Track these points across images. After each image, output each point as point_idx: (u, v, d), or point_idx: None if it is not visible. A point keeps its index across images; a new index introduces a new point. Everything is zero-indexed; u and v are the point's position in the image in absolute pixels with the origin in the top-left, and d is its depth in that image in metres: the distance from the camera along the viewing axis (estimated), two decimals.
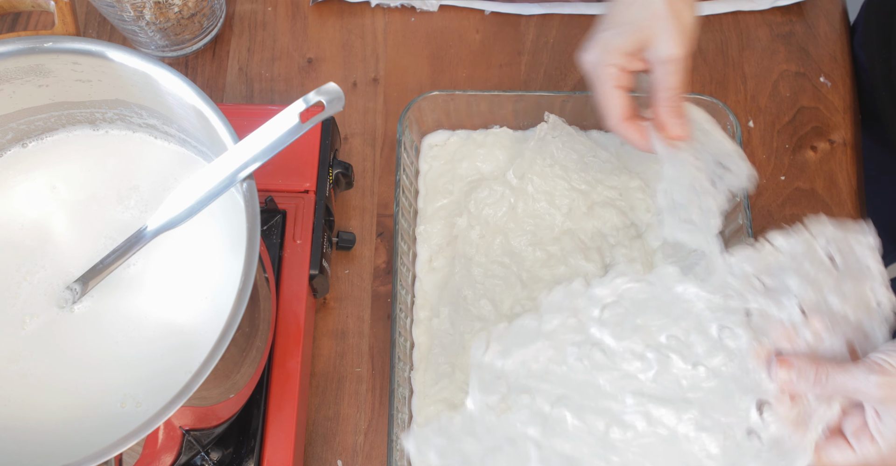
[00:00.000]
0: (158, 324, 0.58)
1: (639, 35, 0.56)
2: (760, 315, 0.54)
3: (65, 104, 0.60)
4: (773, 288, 0.54)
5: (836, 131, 0.83)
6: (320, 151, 0.74)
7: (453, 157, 0.79)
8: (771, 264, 0.55)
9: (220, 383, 0.54)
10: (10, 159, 0.62)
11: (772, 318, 0.54)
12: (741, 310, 0.55)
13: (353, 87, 0.86)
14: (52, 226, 0.61)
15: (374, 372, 0.75)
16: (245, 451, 0.66)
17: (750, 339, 0.54)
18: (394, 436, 0.66)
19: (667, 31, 0.56)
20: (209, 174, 0.52)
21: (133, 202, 0.62)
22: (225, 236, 0.60)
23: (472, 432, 0.58)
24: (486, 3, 0.89)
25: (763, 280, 0.55)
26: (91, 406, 0.56)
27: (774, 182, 0.81)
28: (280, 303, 0.69)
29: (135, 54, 0.55)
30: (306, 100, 0.52)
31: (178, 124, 0.60)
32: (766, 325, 0.54)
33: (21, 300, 0.59)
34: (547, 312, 0.58)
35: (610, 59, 0.57)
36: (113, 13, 0.79)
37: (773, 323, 0.53)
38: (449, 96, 0.76)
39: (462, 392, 0.70)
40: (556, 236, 0.74)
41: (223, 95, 0.86)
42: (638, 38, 0.57)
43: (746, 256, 0.55)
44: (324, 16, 0.89)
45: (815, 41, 0.87)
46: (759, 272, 0.55)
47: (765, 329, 0.54)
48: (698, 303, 0.55)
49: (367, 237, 0.80)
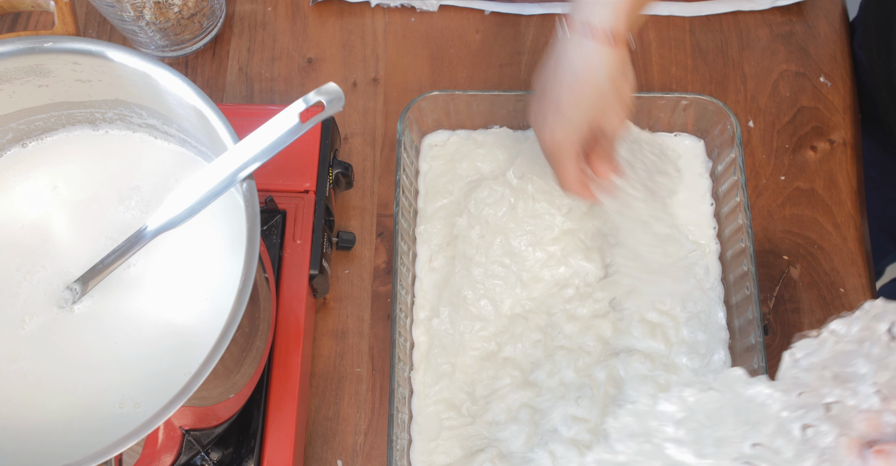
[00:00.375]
0: (158, 324, 0.58)
1: (591, 124, 0.63)
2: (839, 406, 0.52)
3: (65, 104, 0.60)
4: (843, 377, 0.53)
5: (836, 131, 0.83)
6: (320, 151, 0.74)
7: (453, 157, 0.79)
8: (836, 353, 0.53)
9: (220, 383, 0.54)
10: (10, 159, 0.62)
11: (851, 408, 0.51)
12: (819, 405, 0.52)
13: (353, 87, 0.86)
14: (52, 226, 0.61)
15: (374, 372, 0.75)
16: (245, 451, 0.66)
17: (837, 434, 0.51)
18: (394, 436, 0.66)
19: (613, 115, 0.63)
20: (209, 174, 0.52)
21: (134, 202, 0.62)
22: (225, 236, 0.60)
23: None
24: (486, 3, 0.88)
25: (834, 371, 0.53)
26: (90, 406, 0.56)
27: (774, 182, 0.81)
28: (280, 303, 0.69)
29: (135, 54, 0.55)
30: (306, 100, 0.52)
31: (178, 124, 0.60)
32: (847, 416, 0.52)
33: (21, 299, 0.59)
34: (618, 441, 0.54)
35: (569, 147, 0.64)
36: (113, 13, 0.79)
37: (853, 412, 0.51)
38: (449, 96, 0.76)
39: (462, 392, 0.70)
40: (556, 236, 0.74)
41: (223, 95, 0.86)
42: (591, 126, 0.63)
43: (810, 348, 0.54)
44: (324, 16, 0.89)
45: (815, 41, 0.87)
46: (826, 364, 0.53)
47: (847, 420, 0.51)
48: (774, 405, 0.53)
49: (367, 237, 0.80)
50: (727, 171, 0.74)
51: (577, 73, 0.61)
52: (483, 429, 0.69)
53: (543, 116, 0.64)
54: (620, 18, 0.60)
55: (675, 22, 0.88)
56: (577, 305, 0.72)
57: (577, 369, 0.70)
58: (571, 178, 0.67)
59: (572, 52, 0.61)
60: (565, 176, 0.67)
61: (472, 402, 0.70)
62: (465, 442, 0.69)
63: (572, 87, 0.62)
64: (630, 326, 0.71)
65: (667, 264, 0.71)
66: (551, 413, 0.69)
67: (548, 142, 0.65)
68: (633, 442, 0.54)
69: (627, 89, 0.64)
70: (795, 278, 0.78)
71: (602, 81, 0.61)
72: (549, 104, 0.63)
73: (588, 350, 0.71)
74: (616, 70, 0.62)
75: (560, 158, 0.65)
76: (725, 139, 0.75)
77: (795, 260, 0.78)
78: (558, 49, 0.63)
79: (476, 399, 0.70)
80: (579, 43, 0.61)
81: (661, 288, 0.72)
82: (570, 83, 0.62)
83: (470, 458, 0.68)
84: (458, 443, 0.69)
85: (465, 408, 0.70)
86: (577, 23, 0.61)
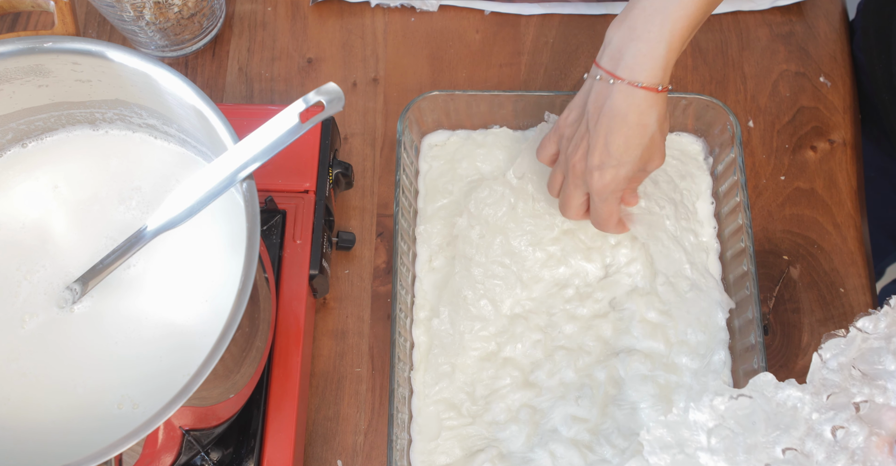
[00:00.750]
0: (158, 325, 0.58)
1: (640, 165, 0.64)
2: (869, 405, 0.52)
3: (65, 104, 0.60)
4: (872, 375, 0.53)
5: (835, 131, 0.83)
6: (320, 151, 0.74)
7: (453, 157, 0.79)
8: (864, 350, 0.54)
9: (220, 383, 0.54)
10: (10, 159, 0.62)
11: (881, 406, 0.52)
12: (849, 405, 0.53)
13: (353, 87, 0.86)
14: (52, 226, 0.61)
15: (374, 372, 0.75)
16: (245, 451, 0.66)
17: (867, 434, 0.52)
18: (394, 436, 0.66)
19: (658, 155, 0.64)
20: (209, 174, 0.52)
21: (135, 202, 0.62)
22: (225, 236, 0.60)
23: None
24: (486, 3, 0.88)
25: (861, 369, 0.54)
26: (89, 406, 0.56)
27: (774, 182, 0.81)
28: (280, 303, 0.69)
29: (135, 54, 0.55)
30: (306, 100, 0.52)
31: (178, 124, 0.60)
32: (877, 414, 0.52)
33: (21, 299, 0.59)
34: (652, 453, 0.55)
35: (620, 187, 0.65)
36: (113, 13, 0.79)
37: (883, 410, 0.52)
38: (449, 96, 0.76)
39: (462, 392, 0.70)
40: (556, 236, 0.74)
41: (223, 95, 0.86)
42: (639, 166, 0.64)
43: (838, 348, 0.54)
44: (324, 16, 0.89)
45: (815, 41, 0.87)
46: (853, 361, 0.54)
47: (877, 419, 0.52)
48: (804, 408, 0.53)
49: (367, 237, 0.80)
50: (727, 171, 0.74)
51: (627, 119, 0.61)
52: (483, 429, 0.69)
53: (588, 158, 0.64)
54: (668, 72, 0.61)
55: None
56: (577, 305, 0.72)
57: (577, 369, 0.70)
58: (613, 218, 0.67)
59: (622, 99, 0.61)
60: (608, 215, 0.67)
61: (472, 402, 0.70)
62: (465, 442, 0.69)
63: (623, 132, 0.61)
64: (630, 326, 0.71)
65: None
66: (551, 414, 0.69)
67: (597, 186, 0.64)
68: (667, 454, 0.54)
69: (667, 127, 0.65)
70: (795, 278, 0.78)
71: (652, 126, 0.62)
72: (597, 147, 0.63)
73: (588, 350, 0.71)
74: (664, 113, 0.62)
75: (608, 199, 0.65)
76: (725, 139, 0.75)
77: (795, 260, 0.78)
78: (601, 93, 0.62)
79: (476, 400, 0.70)
80: (629, 91, 0.61)
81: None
82: (620, 128, 0.61)
83: (470, 458, 0.68)
84: (458, 443, 0.69)
85: (465, 408, 0.70)
86: (623, 71, 0.61)
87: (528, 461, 0.67)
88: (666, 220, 0.72)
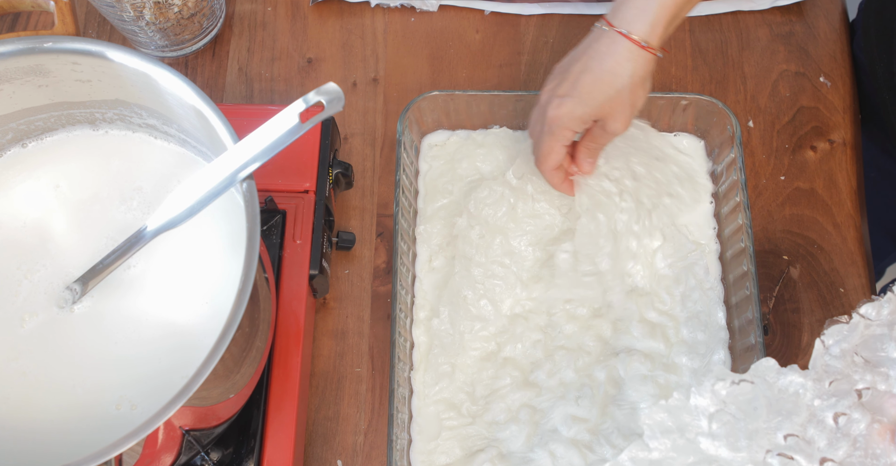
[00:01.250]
0: (158, 325, 0.58)
1: (599, 112, 0.65)
2: (871, 393, 0.52)
3: (65, 104, 0.60)
4: (874, 362, 0.53)
5: (835, 131, 0.83)
6: (320, 151, 0.74)
7: (453, 157, 0.79)
8: (867, 337, 0.53)
9: (220, 383, 0.54)
10: (9, 159, 0.62)
11: (883, 393, 0.52)
12: (851, 392, 0.53)
13: (353, 87, 0.86)
14: (53, 226, 0.61)
15: (374, 372, 0.75)
16: (245, 451, 0.66)
17: (869, 421, 0.51)
18: (394, 436, 0.66)
19: (621, 115, 0.65)
20: (209, 174, 0.52)
21: (136, 203, 0.62)
22: (225, 236, 0.60)
23: None
24: (486, 3, 0.88)
25: (863, 355, 0.53)
26: (87, 406, 0.55)
27: (774, 182, 0.81)
28: (280, 303, 0.69)
29: (135, 54, 0.55)
30: (306, 100, 0.52)
31: (178, 124, 0.60)
32: (879, 401, 0.52)
33: (21, 298, 0.59)
34: (652, 438, 0.54)
35: (571, 124, 0.66)
36: (113, 13, 0.79)
37: (885, 397, 0.52)
38: (449, 96, 0.76)
39: (462, 392, 0.70)
40: (556, 236, 0.74)
41: (223, 95, 0.86)
42: (598, 114, 0.65)
43: (840, 334, 0.54)
44: (324, 16, 0.89)
45: (815, 41, 0.87)
46: (856, 347, 0.53)
47: (879, 406, 0.52)
48: (807, 394, 0.53)
49: (367, 237, 0.80)
50: (727, 171, 0.74)
51: (603, 63, 0.63)
52: (483, 429, 0.69)
53: (556, 89, 0.66)
54: (657, 30, 0.63)
55: None
56: (576, 305, 0.72)
57: (576, 369, 0.70)
58: (551, 162, 0.68)
59: (606, 44, 0.63)
60: (548, 151, 0.67)
61: (471, 402, 0.70)
62: (465, 442, 0.69)
63: (595, 73, 0.64)
64: (630, 326, 0.71)
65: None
66: (551, 414, 0.69)
67: (550, 114, 0.66)
68: (667, 439, 0.54)
69: (642, 96, 0.66)
70: (795, 278, 0.78)
71: (624, 78, 0.63)
72: (567, 81, 0.65)
73: (588, 350, 0.71)
74: (640, 73, 0.64)
75: (554, 131, 0.66)
76: (725, 139, 0.75)
77: (795, 260, 0.78)
78: (592, 38, 0.65)
79: (476, 400, 0.70)
80: (615, 38, 0.63)
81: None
82: (594, 69, 0.64)
83: (470, 458, 0.68)
84: (458, 443, 0.69)
85: (465, 408, 0.70)
86: (615, 19, 0.63)
87: (528, 461, 0.67)
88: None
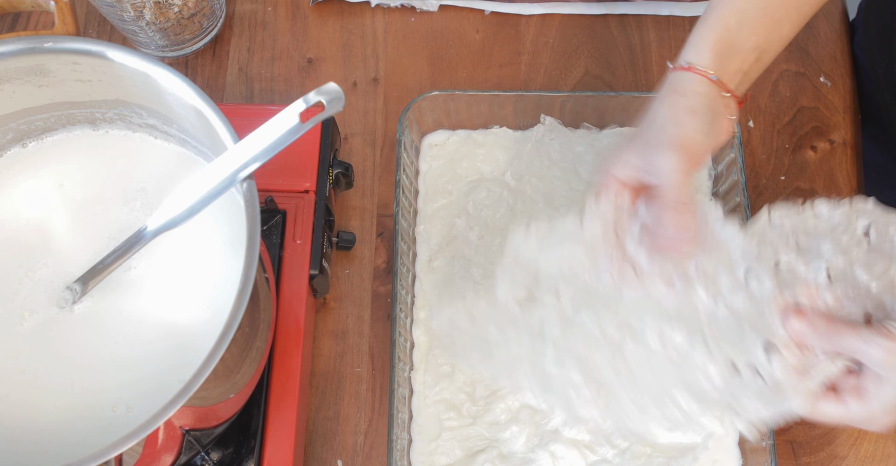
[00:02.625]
0: (158, 325, 0.58)
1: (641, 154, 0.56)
2: (788, 270, 0.55)
3: (65, 104, 0.60)
4: (805, 249, 0.55)
5: (835, 131, 0.83)
6: (320, 151, 0.74)
7: (453, 157, 0.79)
8: (809, 227, 0.56)
9: (220, 383, 0.54)
10: (9, 159, 0.62)
11: (798, 276, 0.54)
12: (772, 260, 0.55)
13: (353, 87, 0.86)
14: (55, 225, 0.61)
15: (374, 372, 0.75)
16: (245, 451, 0.66)
17: (773, 288, 0.54)
18: (394, 436, 0.66)
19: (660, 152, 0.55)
20: (209, 174, 0.52)
21: (139, 204, 0.62)
22: (225, 236, 0.60)
23: (495, 320, 0.60)
24: (486, 3, 0.88)
25: (799, 239, 0.56)
26: (85, 407, 0.55)
27: (774, 182, 0.81)
28: (280, 303, 0.69)
29: (135, 54, 0.55)
30: (306, 100, 0.52)
31: (178, 124, 0.60)
32: (791, 280, 0.54)
33: (21, 296, 0.59)
34: (590, 220, 0.57)
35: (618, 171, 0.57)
36: (113, 13, 0.79)
37: (798, 279, 0.54)
38: (449, 96, 0.76)
39: (462, 393, 0.70)
40: None
41: (223, 95, 0.86)
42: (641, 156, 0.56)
43: (788, 214, 0.56)
44: (324, 16, 0.89)
45: (815, 41, 0.87)
46: (796, 231, 0.56)
47: (789, 283, 0.54)
48: (732, 243, 0.56)
49: (367, 237, 0.80)
50: (727, 171, 0.74)
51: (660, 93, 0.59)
52: (484, 430, 0.69)
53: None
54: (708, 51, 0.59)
55: (675, 22, 0.88)
56: None
57: None
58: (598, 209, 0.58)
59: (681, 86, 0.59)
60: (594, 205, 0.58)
61: (472, 403, 0.70)
62: (465, 443, 0.69)
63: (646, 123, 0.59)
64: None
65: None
66: (552, 414, 0.68)
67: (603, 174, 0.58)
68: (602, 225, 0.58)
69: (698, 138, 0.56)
70: None
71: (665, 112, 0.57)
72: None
73: None
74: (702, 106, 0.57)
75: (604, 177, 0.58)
76: None
77: None
78: None
79: (476, 400, 0.70)
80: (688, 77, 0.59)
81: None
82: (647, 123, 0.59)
83: (470, 459, 0.68)
84: (459, 444, 0.69)
85: (466, 409, 0.70)
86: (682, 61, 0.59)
87: (528, 461, 0.67)
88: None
